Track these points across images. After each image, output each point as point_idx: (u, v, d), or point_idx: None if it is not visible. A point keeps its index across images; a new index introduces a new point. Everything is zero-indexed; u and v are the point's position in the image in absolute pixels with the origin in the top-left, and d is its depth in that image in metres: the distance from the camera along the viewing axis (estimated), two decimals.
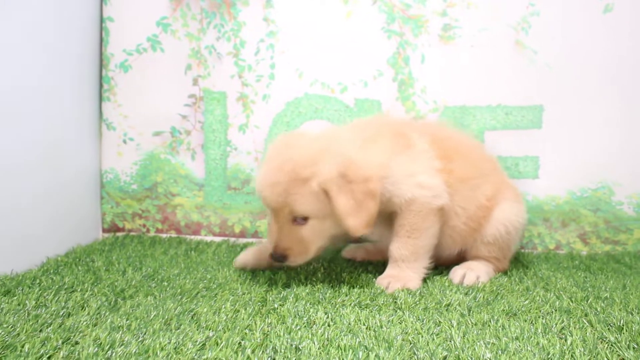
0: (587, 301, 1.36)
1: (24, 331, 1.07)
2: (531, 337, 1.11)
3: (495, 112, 1.94)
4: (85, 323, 1.12)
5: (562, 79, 1.91)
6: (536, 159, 1.95)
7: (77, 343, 1.03)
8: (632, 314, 1.25)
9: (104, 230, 2.10)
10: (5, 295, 1.29)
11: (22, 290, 1.33)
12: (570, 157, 1.94)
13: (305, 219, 1.43)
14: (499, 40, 1.92)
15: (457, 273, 1.59)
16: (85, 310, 1.21)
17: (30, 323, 1.11)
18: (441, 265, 1.68)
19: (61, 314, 1.18)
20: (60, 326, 1.10)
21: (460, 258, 1.69)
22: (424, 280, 1.54)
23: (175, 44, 1.98)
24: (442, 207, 1.53)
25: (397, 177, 1.48)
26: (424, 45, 1.94)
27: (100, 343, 1.02)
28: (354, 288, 1.44)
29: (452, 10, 1.92)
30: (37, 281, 1.42)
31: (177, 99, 2.01)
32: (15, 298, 1.26)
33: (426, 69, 1.95)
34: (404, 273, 1.51)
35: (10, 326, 1.09)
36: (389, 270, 1.54)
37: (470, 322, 1.20)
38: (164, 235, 2.07)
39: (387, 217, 1.54)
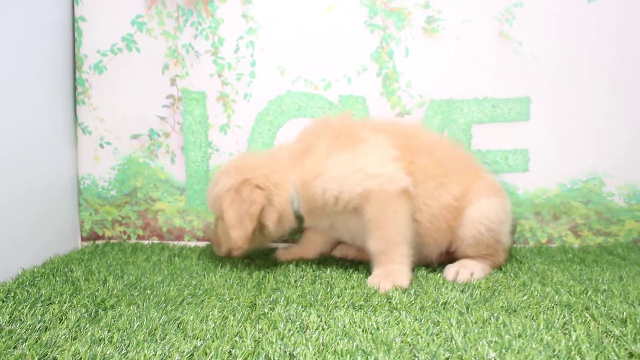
0: (586, 294, 1.33)
1: None
2: (534, 333, 1.07)
3: (482, 105, 1.90)
4: (63, 337, 1.06)
5: (549, 70, 1.88)
6: (525, 152, 1.91)
7: (54, 359, 0.97)
8: (633, 306, 1.22)
9: (82, 239, 2.02)
10: None
11: None
12: (560, 149, 1.91)
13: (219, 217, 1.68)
14: (483, 32, 1.88)
15: (450, 270, 1.55)
16: (63, 323, 1.14)
17: (4, 339, 1.04)
18: (431, 265, 1.64)
19: (37, 328, 1.11)
20: (36, 341, 1.04)
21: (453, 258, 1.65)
22: (418, 278, 1.50)
23: (151, 43, 1.91)
24: (405, 190, 1.50)
25: (336, 175, 1.51)
26: (407, 39, 1.90)
27: (80, 358, 0.96)
28: (346, 289, 1.38)
29: (435, 3, 1.88)
30: (12, 294, 1.34)
31: (154, 100, 1.94)
32: None
33: (411, 63, 1.90)
34: (389, 268, 1.47)
35: None
36: (375, 270, 1.50)
37: (469, 321, 1.15)
38: (145, 242, 1.99)
39: (354, 216, 1.56)
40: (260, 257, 1.78)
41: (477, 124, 1.90)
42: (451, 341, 1.04)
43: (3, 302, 1.27)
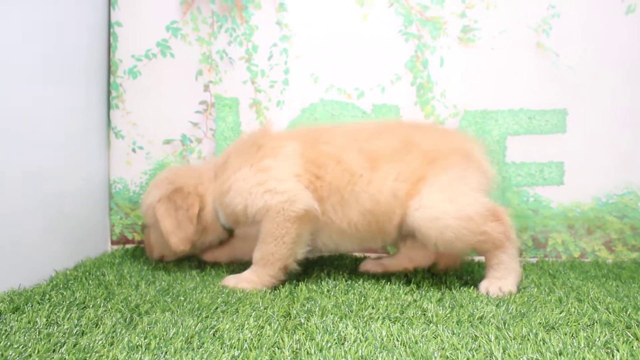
0: (626, 312, 1.30)
1: (37, 352, 1.00)
2: (576, 351, 1.05)
3: (518, 116, 1.88)
4: (100, 342, 1.05)
5: (586, 81, 1.86)
6: (561, 165, 1.88)
7: None
8: None
9: (112, 242, 2.03)
10: (14, 313, 1.21)
11: (32, 306, 1.26)
12: (596, 162, 1.88)
13: (147, 226, 1.78)
14: (519, 42, 1.86)
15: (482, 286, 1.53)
16: (99, 328, 1.14)
17: (43, 343, 1.04)
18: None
19: (74, 332, 1.11)
20: (74, 346, 1.03)
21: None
22: (451, 291, 1.48)
23: (185, 48, 1.92)
24: (306, 211, 1.53)
25: (240, 190, 1.58)
26: (442, 48, 1.88)
27: None
28: (379, 300, 1.37)
29: (472, 12, 1.87)
30: (47, 297, 1.34)
31: (187, 106, 1.95)
32: (24, 315, 1.19)
33: (445, 72, 1.89)
34: (247, 275, 1.55)
35: (21, 346, 1.02)
36: (244, 272, 1.58)
37: (508, 336, 1.13)
38: None
39: None
40: None
41: (512, 136, 1.88)
42: (491, 357, 1.02)
43: (39, 304, 1.28)
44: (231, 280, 1.54)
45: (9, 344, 1.03)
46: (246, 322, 1.17)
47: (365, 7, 1.89)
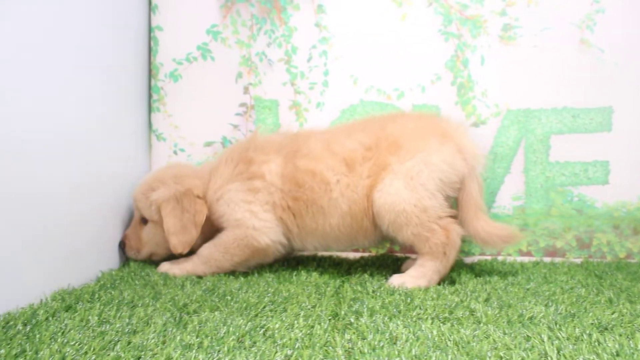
0: None
1: (92, 349, 1.01)
2: (634, 353, 1.02)
3: (562, 115, 1.85)
4: (153, 341, 1.06)
5: (633, 78, 1.82)
6: (606, 164, 1.85)
7: None
8: None
9: None
10: (67, 311, 1.23)
11: (83, 305, 1.28)
12: None
13: (146, 221, 1.76)
14: (562, 39, 1.84)
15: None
16: (150, 326, 1.15)
17: (97, 341, 1.05)
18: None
19: (127, 330, 1.12)
20: (128, 344, 1.04)
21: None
22: (497, 291, 1.46)
23: (225, 51, 1.93)
24: (267, 246, 1.67)
25: (230, 199, 1.68)
26: (483, 47, 1.86)
27: None
28: (425, 300, 1.36)
29: (512, 9, 1.85)
30: (97, 296, 1.36)
31: (228, 108, 1.96)
32: (77, 314, 1.21)
33: (486, 71, 1.87)
34: (184, 263, 1.69)
35: (77, 343, 1.03)
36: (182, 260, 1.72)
37: (561, 337, 1.11)
38: None
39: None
40: (332, 265, 1.77)
41: (556, 135, 1.85)
42: (545, 357, 1.01)
43: (90, 303, 1.30)
44: (165, 266, 1.70)
45: (65, 341, 1.05)
46: (296, 322, 1.17)
47: (403, 7, 1.88)
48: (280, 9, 1.91)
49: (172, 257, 1.76)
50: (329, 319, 1.21)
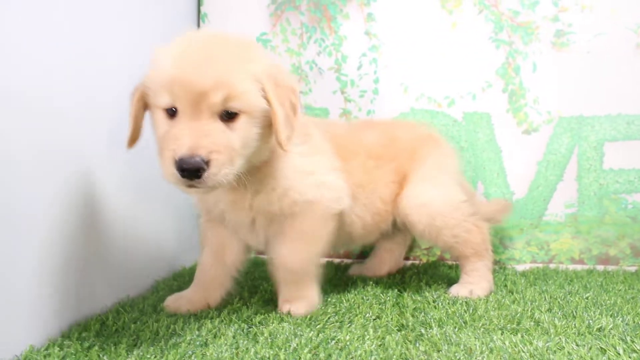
0: None
1: None
2: None
3: (616, 121, 1.83)
4: (227, 354, 1.06)
5: None
6: None
7: None
8: None
9: None
10: (135, 323, 1.24)
11: (150, 316, 1.29)
12: None
13: (235, 115, 1.12)
14: (617, 44, 1.81)
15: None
16: (220, 338, 1.15)
17: (172, 353, 1.06)
18: None
19: (198, 342, 1.12)
20: (203, 356, 1.05)
21: None
22: (557, 300, 1.44)
23: (275, 60, 1.94)
24: (342, 211, 1.40)
25: (293, 172, 1.31)
26: (535, 54, 1.85)
27: None
28: (488, 311, 1.35)
29: (565, 15, 1.83)
30: (158, 307, 1.37)
31: None
32: (145, 325, 1.22)
33: (538, 78, 1.85)
34: (306, 291, 1.36)
35: (153, 356, 1.05)
36: (286, 292, 1.36)
37: (636, 349, 1.09)
38: (264, 257, 2.01)
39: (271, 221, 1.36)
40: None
41: (610, 142, 1.83)
42: None
43: (155, 314, 1.31)
44: (298, 305, 1.34)
45: (141, 354, 1.06)
46: (366, 333, 1.17)
47: (454, 15, 1.87)
48: (330, 17, 1.91)
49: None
50: (397, 330, 1.21)
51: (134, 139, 1.24)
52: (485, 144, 1.87)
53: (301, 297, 1.35)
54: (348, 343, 1.11)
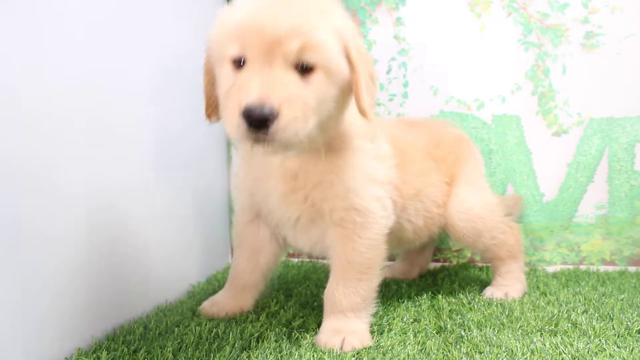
0: None
1: None
2: None
3: None
4: (272, 357, 1.09)
5: None
6: None
7: None
8: None
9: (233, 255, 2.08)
10: (177, 327, 1.26)
11: (192, 320, 1.31)
12: None
13: (311, 69, 1.01)
14: None
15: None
16: (264, 342, 1.17)
17: (217, 356, 1.08)
18: None
19: (242, 346, 1.14)
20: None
21: None
22: (591, 301, 1.45)
23: None
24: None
25: (359, 173, 1.20)
26: (564, 56, 1.85)
27: None
28: (524, 312, 1.36)
29: (595, 17, 1.83)
30: (197, 312, 1.39)
31: None
32: (188, 328, 1.24)
33: (568, 80, 1.85)
34: (353, 325, 1.19)
35: None
36: (331, 322, 1.21)
37: None
38: (295, 260, 2.03)
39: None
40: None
41: None
42: None
43: (197, 318, 1.33)
44: (353, 341, 1.15)
45: (187, 357, 1.08)
46: (406, 338, 1.18)
47: (482, 18, 1.88)
48: (359, 22, 1.93)
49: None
50: (436, 333, 1.22)
51: (209, 111, 1.19)
52: (515, 147, 1.88)
53: (351, 332, 1.18)
54: (390, 348, 1.12)
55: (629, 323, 1.27)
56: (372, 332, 1.23)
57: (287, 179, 1.19)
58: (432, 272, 1.84)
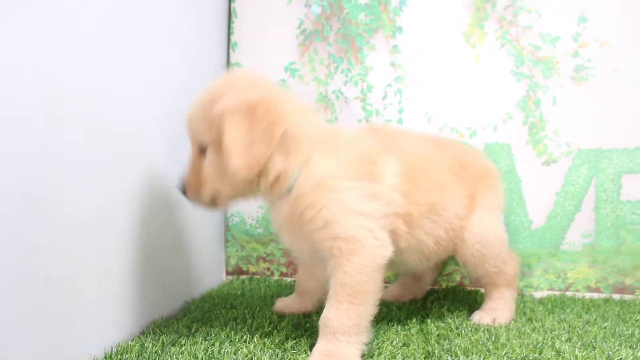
0: None
1: None
2: None
3: (633, 154, 1.88)
4: None
5: None
6: None
7: None
8: None
9: (227, 273, 2.12)
10: (173, 345, 1.29)
11: (187, 339, 1.34)
12: None
13: (204, 150, 1.29)
14: (635, 80, 1.87)
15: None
16: None
17: None
18: None
19: None
20: None
21: None
22: (571, 328, 1.49)
23: (303, 88, 2.01)
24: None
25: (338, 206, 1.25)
26: (555, 87, 1.91)
27: None
28: (511, 339, 1.40)
29: (585, 51, 1.89)
30: (192, 329, 1.42)
31: None
32: (184, 348, 1.27)
33: (558, 111, 1.91)
34: (343, 349, 1.22)
35: None
36: (323, 345, 1.24)
37: None
38: (288, 279, 2.07)
39: None
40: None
41: (628, 174, 1.88)
42: None
43: (192, 337, 1.36)
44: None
45: None
46: None
47: (477, 48, 1.94)
48: (356, 49, 1.98)
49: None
50: (424, 358, 1.26)
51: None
52: (506, 174, 1.92)
53: (341, 357, 1.21)
54: None
55: (610, 352, 1.30)
56: (363, 355, 1.26)
57: (281, 220, 1.36)
58: (426, 295, 1.88)
